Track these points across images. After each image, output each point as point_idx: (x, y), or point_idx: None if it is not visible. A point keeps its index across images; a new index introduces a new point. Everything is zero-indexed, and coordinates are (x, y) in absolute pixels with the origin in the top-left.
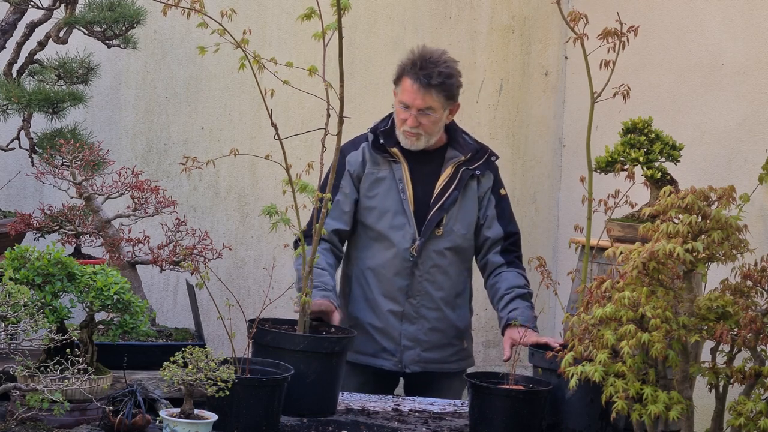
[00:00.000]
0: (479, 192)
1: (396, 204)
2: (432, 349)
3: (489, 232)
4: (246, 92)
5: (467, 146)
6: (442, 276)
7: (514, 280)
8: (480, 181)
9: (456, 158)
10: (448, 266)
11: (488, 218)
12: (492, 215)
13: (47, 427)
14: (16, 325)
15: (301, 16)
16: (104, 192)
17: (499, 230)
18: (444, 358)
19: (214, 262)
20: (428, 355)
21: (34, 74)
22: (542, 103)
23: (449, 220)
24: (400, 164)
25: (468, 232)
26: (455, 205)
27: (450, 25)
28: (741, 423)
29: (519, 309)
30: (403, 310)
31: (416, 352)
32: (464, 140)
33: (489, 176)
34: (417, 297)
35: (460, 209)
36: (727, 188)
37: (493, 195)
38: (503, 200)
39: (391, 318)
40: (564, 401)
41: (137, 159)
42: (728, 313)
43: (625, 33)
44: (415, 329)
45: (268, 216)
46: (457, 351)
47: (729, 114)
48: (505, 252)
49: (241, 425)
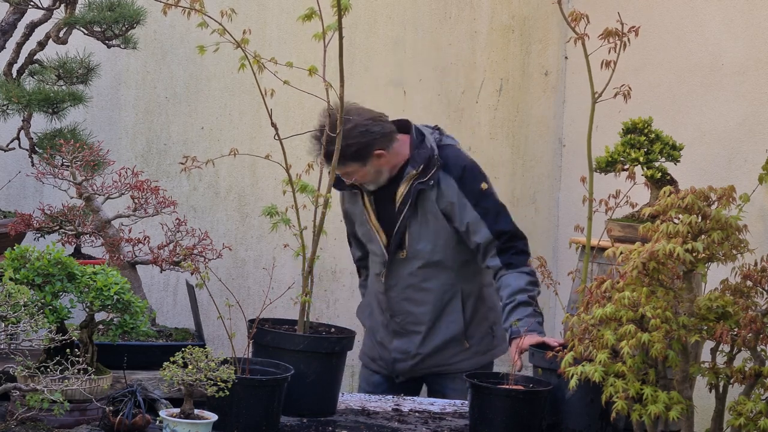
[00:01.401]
0: (441, 203)
1: (369, 232)
2: (427, 358)
3: (477, 237)
4: (246, 92)
5: (420, 158)
6: (420, 293)
7: (514, 285)
8: (439, 189)
9: (408, 174)
10: (423, 282)
11: (470, 224)
12: (474, 219)
13: (47, 427)
14: (16, 325)
15: (301, 16)
16: (104, 192)
17: (486, 233)
18: (443, 361)
19: (214, 262)
20: (424, 364)
21: (34, 74)
22: (542, 103)
23: (411, 240)
24: (363, 195)
25: (436, 246)
26: (415, 224)
27: (450, 25)
28: (741, 423)
29: (523, 320)
30: (392, 327)
31: (408, 365)
32: (419, 153)
33: (448, 182)
34: (399, 316)
35: (421, 226)
36: (727, 188)
37: (467, 198)
38: (484, 198)
39: (383, 331)
40: (564, 401)
41: (137, 159)
42: (728, 313)
43: (625, 33)
44: (405, 343)
45: (268, 216)
46: (457, 353)
47: (729, 114)
48: (501, 252)
49: (241, 425)
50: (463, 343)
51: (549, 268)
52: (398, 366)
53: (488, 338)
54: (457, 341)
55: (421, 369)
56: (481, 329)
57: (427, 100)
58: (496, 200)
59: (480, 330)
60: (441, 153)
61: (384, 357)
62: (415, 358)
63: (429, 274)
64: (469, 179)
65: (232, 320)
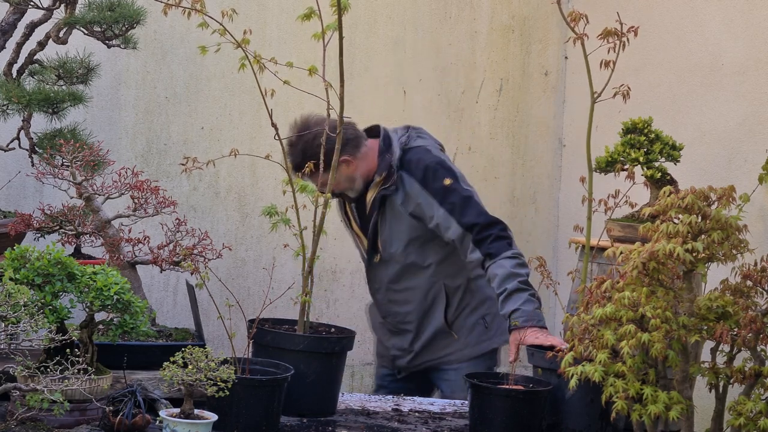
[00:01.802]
0: (408, 206)
1: (354, 239)
2: (420, 353)
3: (449, 234)
4: (246, 92)
5: (384, 164)
6: (401, 293)
7: (501, 273)
8: (405, 192)
9: (375, 181)
10: (402, 283)
11: (440, 222)
12: (442, 216)
13: (47, 427)
14: (16, 325)
15: (301, 16)
16: (104, 192)
17: (456, 228)
18: (435, 355)
19: (214, 262)
20: (418, 359)
21: (34, 74)
22: (542, 103)
23: (383, 244)
24: (345, 203)
25: (408, 248)
26: (385, 228)
27: (450, 25)
28: (741, 423)
29: (519, 311)
30: (387, 326)
31: (405, 360)
32: (384, 159)
33: (412, 183)
34: (389, 317)
35: (391, 230)
36: (727, 188)
37: (433, 197)
38: (448, 194)
39: (381, 330)
40: (564, 401)
41: (137, 159)
42: (728, 313)
43: (625, 33)
44: (399, 341)
45: (268, 216)
46: (446, 345)
47: (729, 114)
48: (478, 244)
49: (241, 425)
50: (451, 335)
51: (549, 268)
52: (397, 362)
53: (479, 329)
54: (445, 333)
55: (417, 364)
56: (469, 321)
57: (427, 100)
58: (461, 194)
59: (469, 322)
60: (405, 156)
61: (385, 354)
62: (410, 354)
63: (406, 275)
64: (430, 178)
65: (232, 320)
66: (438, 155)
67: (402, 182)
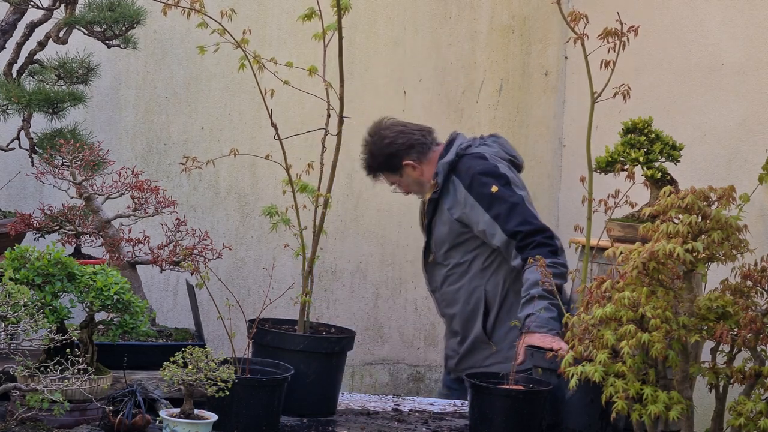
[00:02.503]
0: (456, 211)
1: None
2: (464, 358)
3: (495, 241)
4: (246, 92)
5: (440, 169)
6: (451, 296)
7: (531, 279)
8: (455, 197)
9: (431, 184)
10: (452, 285)
11: (486, 228)
12: (488, 223)
13: (47, 427)
14: (16, 325)
15: (301, 16)
16: (104, 192)
17: (501, 235)
18: (477, 363)
19: (214, 262)
20: (462, 364)
21: (34, 74)
22: (542, 103)
23: (435, 246)
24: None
25: (455, 251)
26: (437, 231)
27: (450, 25)
28: (741, 423)
29: (535, 315)
30: (446, 326)
31: (453, 363)
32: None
33: (461, 189)
34: (444, 316)
35: (441, 232)
36: (727, 188)
37: (479, 203)
38: (495, 201)
39: (445, 329)
40: (564, 401)
41: (137, 159)
42: (728, 313)
43: (625, 33)
44: (452, 342)
45: (268, 216)
46: (486, 356)
47: (729, 114)
48: (521, 250)
49: (241, 425)
50: (490, 346)
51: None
52: (448, 363)
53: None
54: (484, 343)
55: (461, 369)
56: (511, 336)
57: (427, 100)
58: (508, 201)
59: (511, 336)
60: (459, 162)
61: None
62: (456, 357)
63: (451, 277)
64: (477, 185)
65: (232, 320)
66: (492, 162)
67: (453, 187)
